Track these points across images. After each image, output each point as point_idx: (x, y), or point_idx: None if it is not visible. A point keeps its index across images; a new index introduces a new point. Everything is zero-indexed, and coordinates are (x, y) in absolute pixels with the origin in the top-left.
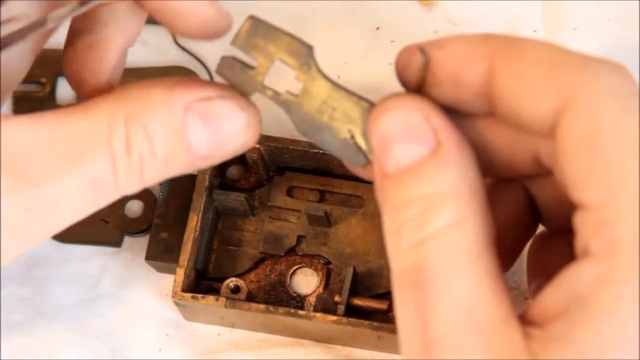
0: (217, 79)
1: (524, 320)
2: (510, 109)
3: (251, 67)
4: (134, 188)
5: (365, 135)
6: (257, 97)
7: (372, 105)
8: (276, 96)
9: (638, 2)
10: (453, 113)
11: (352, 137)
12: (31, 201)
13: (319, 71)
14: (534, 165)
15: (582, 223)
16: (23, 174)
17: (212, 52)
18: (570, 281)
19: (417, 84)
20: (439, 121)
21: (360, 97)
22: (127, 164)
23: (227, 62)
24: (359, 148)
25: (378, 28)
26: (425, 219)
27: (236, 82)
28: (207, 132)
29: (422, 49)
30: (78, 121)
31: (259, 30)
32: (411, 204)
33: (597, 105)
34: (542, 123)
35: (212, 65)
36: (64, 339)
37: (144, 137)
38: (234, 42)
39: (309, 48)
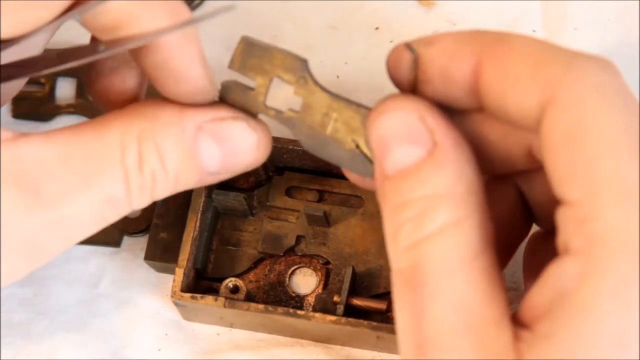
0: (216, 78)
1: (516, 320)
2: (498, 104)
3: (251, 89)
4: (145, 203)
5: (368, 145)
6: None
7: (370, 111)
8: (279, 115)
9: (638, 2)
10: (446, 109)
11: (358, 146)
12: (46, 220)
13: (316, 83)
14: (527, 159)
15: (564, 219)
16: (38, 192)
17: (212, 53)
18: (553, 278)
19: (409, 82)
20: (435, 121)
21: (359, 105)
22: (139, 181)
23: (228, 87)
24: (366, 157)
25: (377, 28)
26: (422, 221)
27: (239, 105)
28: (219, 151)
29: (410, 46)
30: (91, 139)
31: (253, 50)
32: (409, 206)
33: (581, 101)
34: (528, 118)
35: (211, 64)
36: (64, 339)
37: (156, 156)
38: (231, 66)
39: (304, 62)
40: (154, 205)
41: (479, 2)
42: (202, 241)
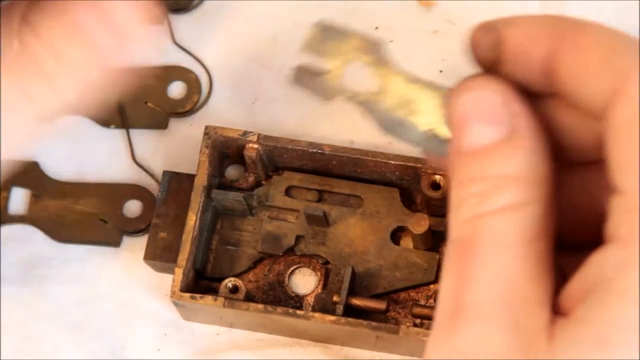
0: (216, 79)
1: (555, 308)
2: (570, 89)
3: (325, 72)
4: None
5: (446, 120)
6: (254, 99)
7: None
8: (355, 97)
9: (638, 2)
10: (522, 92)
11: (434, 127)
12: None
13: (393, 65)
14: (594, 151)
15: (615, 208)
16: None
17: (214, 53)
18: (595, 266)
19: (489, 61)
20: (517, 107)
21: (437, 86)
22: None
23: (302, 71)
24: (442, 138)
25: (377, 28)
26: (487, 197)
27: (313, 90)
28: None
29: (492, 25)
30: None
31: (328, 33)
32: (476, 182)
33: None
34: (598, 104)
35: (211, 64)
36: (64, 339)
37: None
38: (305, 49)
39: (381, 44)
40: (154, 205)
41: (479, 2)
42: (202, 241)
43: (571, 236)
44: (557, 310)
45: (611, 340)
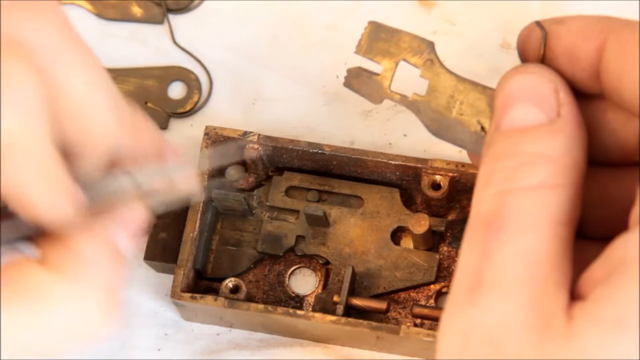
0: (216, 79)
1: (573, 293)
2: (615, 86)
3: (376, 74)
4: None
5: (491, 102)
6: (254, 99)
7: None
8: (404, 99)
9: (638, 2)
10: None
11: (482, 128)
12: None
13: (442, 65)
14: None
15: None
16: None
17: (211, 52)
18: (617, 249)
19: (537, 59)
20: (566, 97)
21: (485, 87)
22: None
23: (354, 73)
24: None
25: None
26: (519, 173)
27: (364, 92)
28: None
29: (539, 23)
30: None
31: (380, 34)
32: (510, 156)
33: None
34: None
35: (211, 64)
36: None
37: None
38: (358, 50)
39: (430, 44)
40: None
41: (479, 2)
42: (202, 241)
43: (592, 229)
44: (574, 296)
45: (630, 318)
